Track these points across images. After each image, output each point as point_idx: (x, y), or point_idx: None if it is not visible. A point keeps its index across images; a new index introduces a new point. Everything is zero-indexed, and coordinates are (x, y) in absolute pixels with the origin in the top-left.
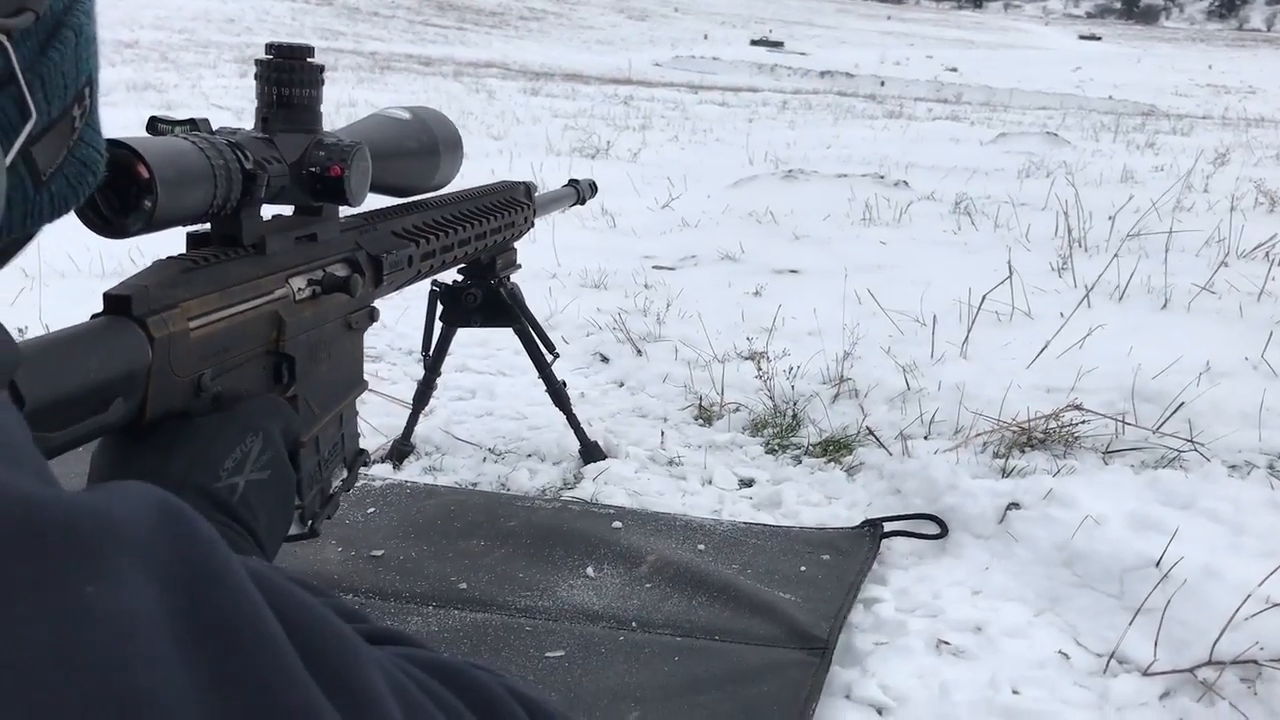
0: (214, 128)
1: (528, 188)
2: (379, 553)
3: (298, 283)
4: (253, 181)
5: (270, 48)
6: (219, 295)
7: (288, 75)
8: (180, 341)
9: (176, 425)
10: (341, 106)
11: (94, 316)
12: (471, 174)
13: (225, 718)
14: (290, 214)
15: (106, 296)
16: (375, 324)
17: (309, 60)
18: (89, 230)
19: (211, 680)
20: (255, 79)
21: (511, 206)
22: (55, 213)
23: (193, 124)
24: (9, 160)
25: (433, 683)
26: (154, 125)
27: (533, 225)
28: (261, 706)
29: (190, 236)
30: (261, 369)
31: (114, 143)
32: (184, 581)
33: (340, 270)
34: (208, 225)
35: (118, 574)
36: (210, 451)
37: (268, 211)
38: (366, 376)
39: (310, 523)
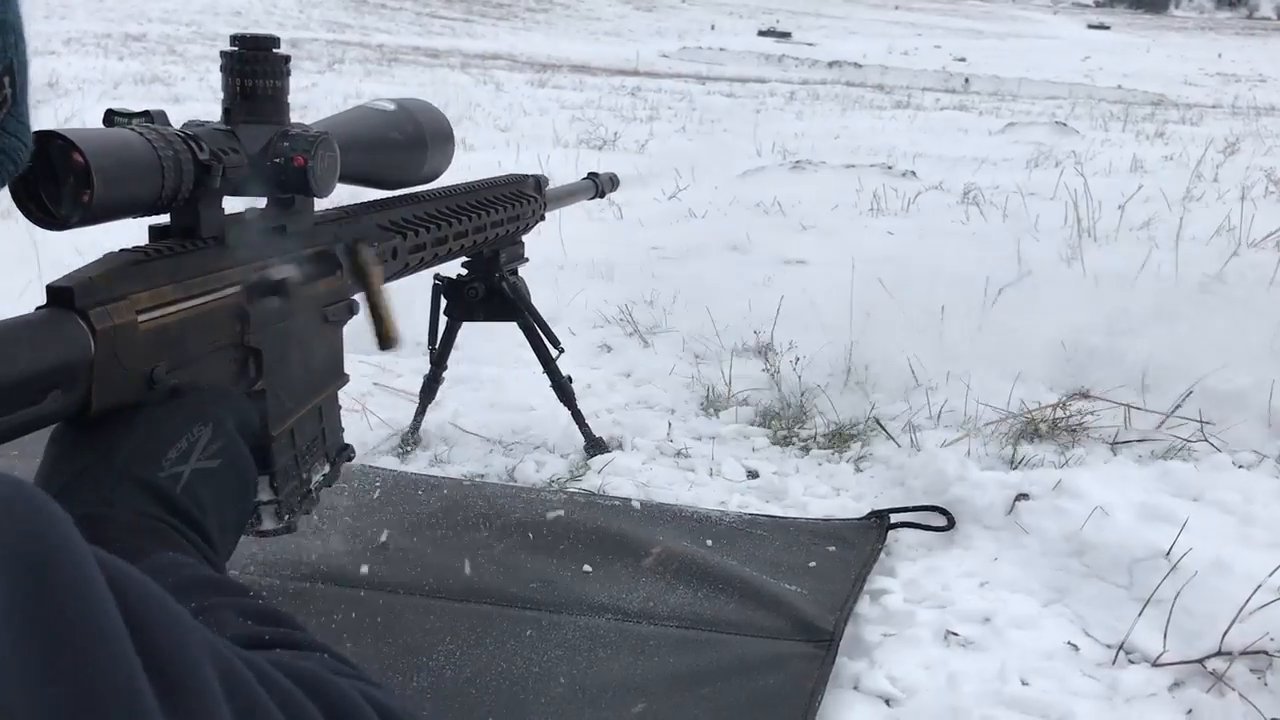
0: (169, 120)
1: (538, 181)
2: (384, 537)
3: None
4: (206, 172)
5: (235, 39)
6: (172, 288)
7: (251, 66)
8: (127, 334)
9: (123, 416)
10: (349, 99)
11: (38, 308)
12: (478, 166)
13: (42, 669)
14: (264, 207)
15: (49, 288)
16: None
17: (274, 51)
18: (32, 223)
19: (35, 639)
20: (220, 71)
21: (517, 200)
22: None
23: (148, 116)
24: None
25: (290, 686)
26: (110, 118)
27: (543, 219)
28: (86, 677)
29: (152, 229)
30: (226, 362)
31: (51, 134)
32: (27, 570)
33: (312, 263)
34: (168, 218)
35: None
36: (152, 441)
37: (243, 204)
38: (373, 369)
39: (287, 517)
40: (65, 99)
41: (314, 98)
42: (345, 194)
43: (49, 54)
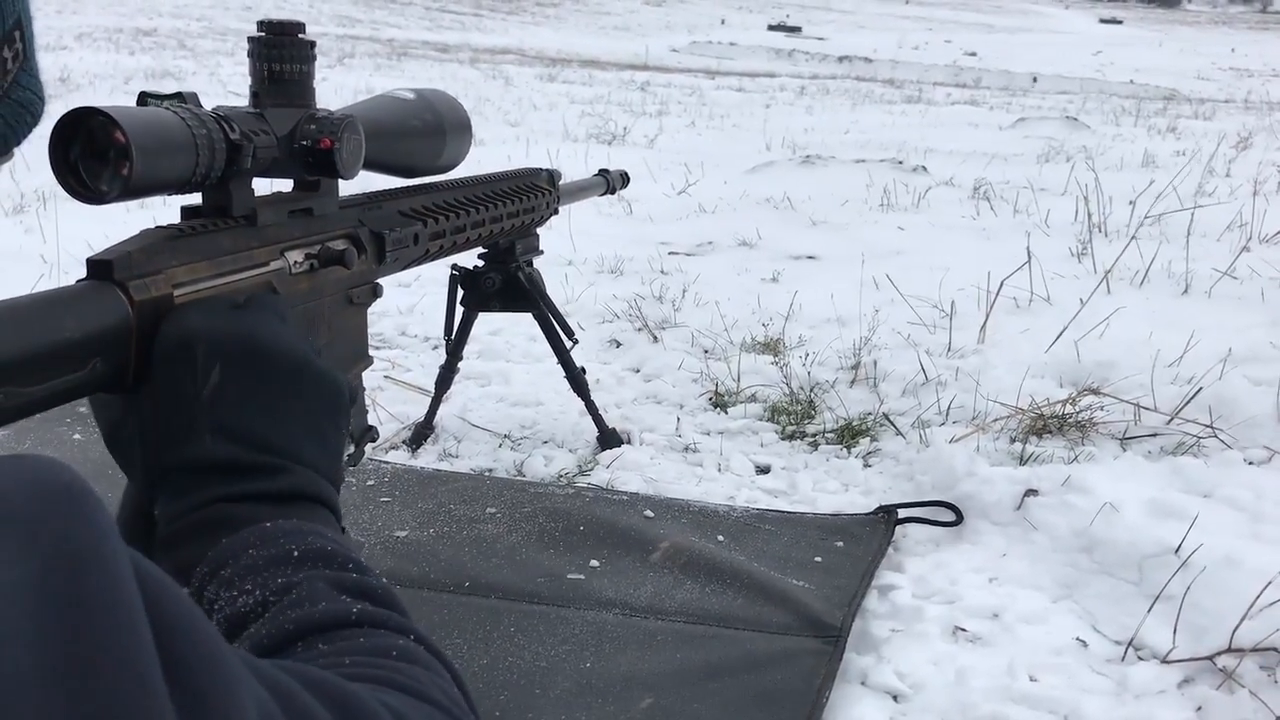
0: (201, 103)
1: (551, 175)
2: (388, 533)
3: (294, 256)
4: (238, 152)
5: (261, 24)
6: (207, 264)
7: (278, 51)
8: (164, 306)
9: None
10: (359, 94)
11: (78, 281)
12: (488, 161)
13: (62, 704)
14: (290, 190)
15: (89, 261)
16: (395, 315)
17: (300, 36)
18: (71, 197)
19: (59, 665)
20: (247, 56)
21: (531, 192)
22: None
23: (180, 97)
24: None
25: (318, 707)
26: (143, 99)
27: (556, 212)
28: (101, 701)
29: (184, 209)
30: None
31: (92, 110)
32: (62, 563)
33: (339, 244)
34: (199, 199)
35: None
36: (170, 406)
37: (268, 188)
38: (383, 364)
39: None
40: (77, 93)
41: (323, 92)
42: (357, 185)
43: (61, 49)
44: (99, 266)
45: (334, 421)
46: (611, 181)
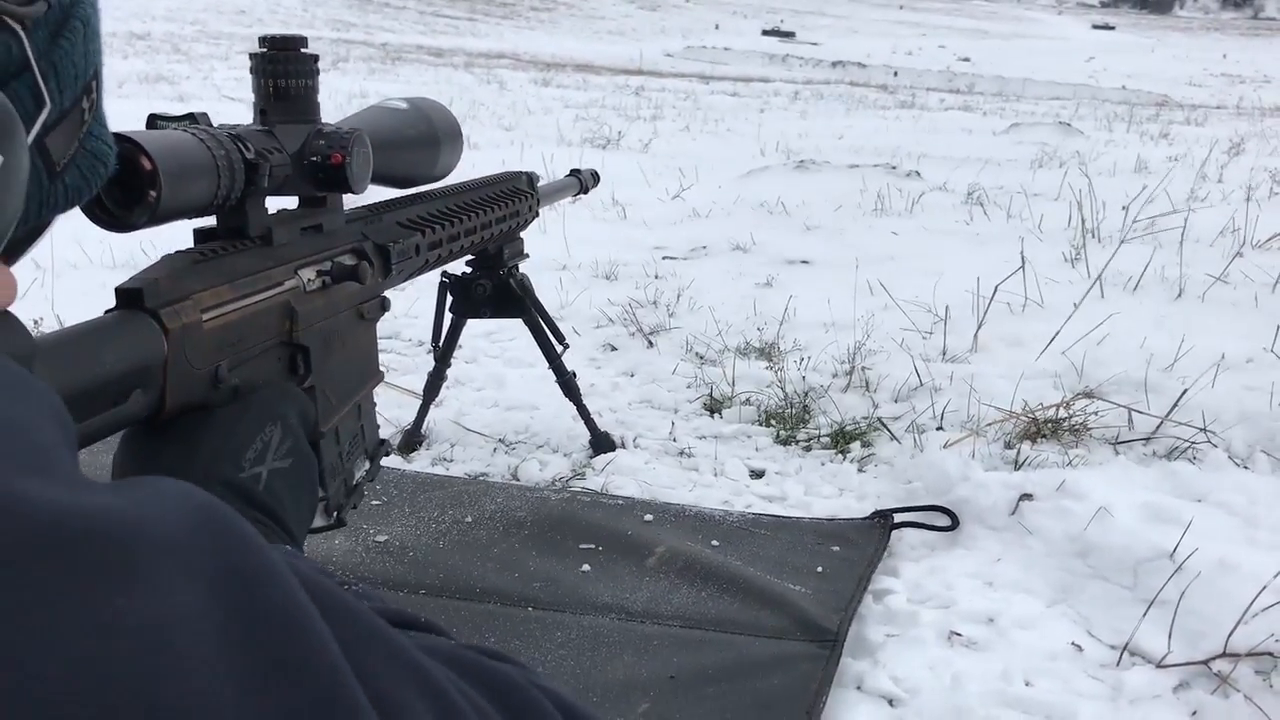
0: (213, 123)
1: (529, 177)
2: (384, 538)
3: (307, 273)
4: (255, 171)
5: (264, 40)
6: (229, 287)
7: (283, 66)
8: (194, 333)
9: (197, 418)
10: (353, 98)
11: (107, 311)
12: (483, 165)
13: (273, 717)
14: (295, 207)
15: (118, 291)
16: (390, 319)
17: (303, 50)
18: (95, 225)
19: (260, 681)
20: (250, 73)
21: (514, 196)
22: (69, 203)
23: (192, 118)
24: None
25: (463, 684)
26: (153, 122)
27: (537, 215)
28: (314, 704)
29: (197, 232)
30: (277, 360)
31: (116, 136)
32: (230, 580)
33: (348, 259)
34: (213, 221)
35: (151, 582)
36: (231, 442)
37: (273, 205)
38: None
39: (336, 513)
40: None
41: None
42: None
43: None
44: (128, 295)
45: (313, 512)
46: (584, 181)
